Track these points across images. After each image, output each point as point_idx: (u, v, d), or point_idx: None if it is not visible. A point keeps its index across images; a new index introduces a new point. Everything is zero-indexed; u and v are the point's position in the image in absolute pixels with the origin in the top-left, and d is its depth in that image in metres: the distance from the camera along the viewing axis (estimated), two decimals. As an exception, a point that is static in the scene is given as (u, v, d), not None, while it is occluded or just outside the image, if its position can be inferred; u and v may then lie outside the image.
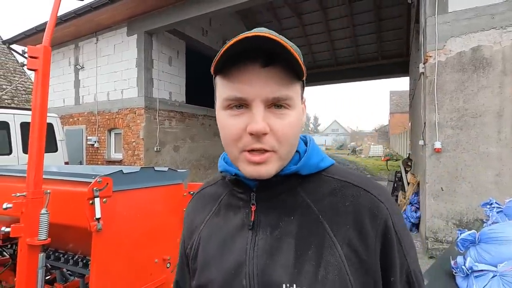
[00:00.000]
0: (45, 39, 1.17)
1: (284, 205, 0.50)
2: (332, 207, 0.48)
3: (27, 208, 1.06)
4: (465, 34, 3.75)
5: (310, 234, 0.47)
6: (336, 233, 0.46)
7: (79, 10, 6.73)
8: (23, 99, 9.83)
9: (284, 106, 0.46)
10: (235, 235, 0.51)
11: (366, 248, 0.45)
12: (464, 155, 3.75)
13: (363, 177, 0.53)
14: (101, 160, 7.85)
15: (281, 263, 0.46)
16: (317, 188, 0.50)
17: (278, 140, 0.46)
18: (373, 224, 0.46)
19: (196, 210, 0.61)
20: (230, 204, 0.55)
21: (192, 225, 0.60)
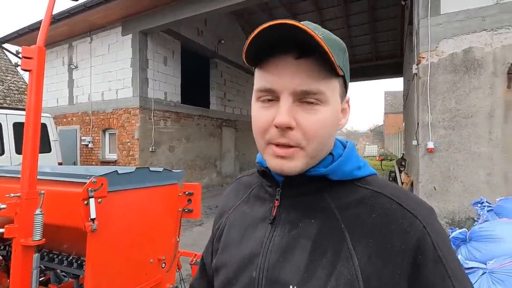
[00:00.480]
0: (39, 40, 1.17)
1: (307, 207, 0.49)
2: (357, 217, 0.45)
3: (21, 209, 1.06)
4: (457, 36, 3.81)
5: (328, 241, 0.44)
6: (355, 245, 0.43)
7: (73, 9, 6.67)
8: (15, 99, 9.71)
9: (316, 101, 0.44)
10: (256, 226, 0.53)
11: (389, 268, 0.40)
12: (456, 155, 3.81)
13: (402, 190, 0.48)
14: (96, 161, 7.79)
15: (292, 263, 0.45)
16: (345, 195, 0.48)
17: (305, 136, 0.44)
18: (401, 241, 0.41)
19: (230, 194, 0.65)
20: (258, 195, 0.57)
21: (223, 207, 0.64)
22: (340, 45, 0.47)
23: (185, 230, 5.01)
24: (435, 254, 0.41)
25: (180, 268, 2.10)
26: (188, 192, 1.71)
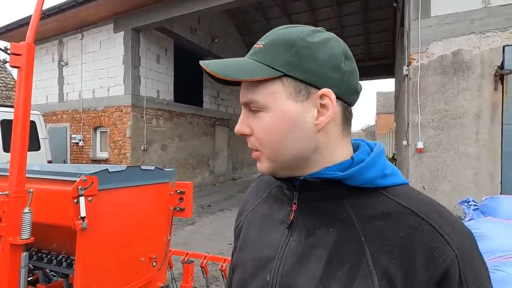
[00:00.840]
0: (29, 36, 1.15)
1: (324, 213, 0.47)
2: (380, 232, 0.41)
3: (9, 207, 1.04)
4: (446, 38, 3.89)
5: (346, 253, 0.42)
6: (376, 262, 0.40)
7: (64, 5, 6.56)
8: (3, 96, 9.50)
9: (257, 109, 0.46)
10: (273, 228, 0.52)
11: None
12: (445, 155, 3.90)
13: (436, 208, 0.43)
14: (86, 159, 7.68)
15: (307, 272, 0.43)
16: (368, 205, 0.44)
17: (258, 141, 0.48)
18: (427, 268, 0.38)
19: (251, 192, 0.65)
20: (277, 196, 0.56)
21: (244, 205, 0.64)
22: (285, 43, 0.44)
23: (177, 229, 4.99)
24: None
25: (171, 267, 2.10)
26: (179, 190, 1.71)
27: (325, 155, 0.47)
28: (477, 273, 0.39)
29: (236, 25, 11.27)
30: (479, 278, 0.39)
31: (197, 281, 2.76)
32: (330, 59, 0.44)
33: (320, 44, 0.45)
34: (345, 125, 0.48)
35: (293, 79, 0.44)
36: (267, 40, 0.46)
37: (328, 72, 0.44)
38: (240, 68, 0.46)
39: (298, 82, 0.44)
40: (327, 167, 0.46)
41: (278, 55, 0.44)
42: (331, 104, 0.44)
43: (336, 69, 0.45)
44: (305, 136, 0.45)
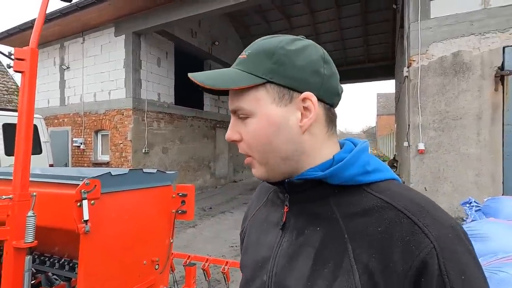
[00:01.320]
0: (32, 41, 1.17)
1: (312, 213, 0.48)
2: (362, 229, 0.42)
3: (13, 211, 1.05)
4: (446, 40, 3.90)
5: (331, 251, 0.44)
6: (357, 259, 0.41)
7: (65, 9, 6.60)
8: (5, 100, 9.54)
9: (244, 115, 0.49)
10: (270, 230, 0.55)
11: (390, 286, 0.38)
12: (446, 156, 3.89)
13: (419, 202, 0.42)
14: (88, 162, 7.70)
15: (297, 271, 0.46)
16: (352, 203, 0.45)
17: (247, 146, 0.50)
18: (404, 260, 0.38)
19: (254, 198, 0.68)
20: (273, 200, 0.59)
21: (247, 211, 0.67)
22: (266, 52, 0.47)
23: (178, 232, 4.99)
24: (440, 281, 0.36)
25: (173, 270, 2.10)
26: (181, 193, 1.72)
27: (312, 156, 0.49)
28: (461, 265, 0.37)
29: (236, 28, 11.32)
30: (466, 271, 0.37)
31: (199, 284, 2.76)
32: (309, 65, 0.47)
33: (298, 52, 0.47)
34: (329, 126, 0.50)
35: (276, 85, 0.47)
36: (250, 51, 0.49)
37: (309, 77, 0.47)
38: (226, 78, 0.48)
39: (281, 87, 0.47)
40: (310, 168, 0.48)
41: (260, 64, 0.47)
42: (313, 106, 0.46)
43: (315, 74, 0.47)
44: (291, 139, 0.47)
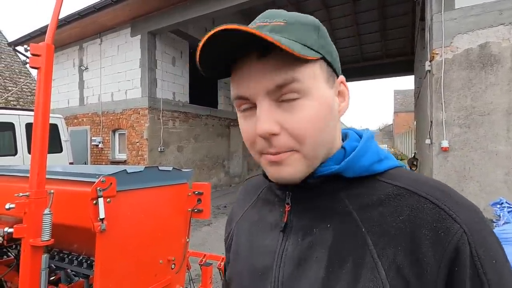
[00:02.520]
0: (48, 37, 1.16)
1: (320, 209, 0.43)
2: (381, 219, 0.38)
3: (30, 209, 1.04)
4: (472, 31, 3.69)
5: (348, 248, 0.38)
6: (381, 253, 0.36)
7: (83, 11, 6.76)
8: (28, 101, 9.92)
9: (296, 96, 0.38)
10: (266, 234, 0.48)
11: (422, 280, 0.34)
12: (472, 154, 3.69)
13: (438, 186, 0.39)
14: (106, 161, 7.88)
15: (309, 277, 0.39)
16: (365, 194, 0.41)
17: (295, 138, 0.38)
18: (435, 249, 0.34)
19: (239, 199, 0.61)
20: (267, 198, 0.52)
21: (232, 214, 0.61)
22: (310, 24, 0.41)
23: (193, 230, 5.01)
24: (473, 267, 0.33)
25: (189, 269, 2.08)
26: (197, 191, 1.68)
27: (335, 146, 0.44)
28: (491, 250, 0.34)
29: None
30: (496, 255, 0.34)
31: (215, 283, 2.74)
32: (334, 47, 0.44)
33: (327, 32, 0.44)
34: None
35: (326, 63, 0.42)
36: (286, 19, 0.40)
37: (337, 60, 0.45)
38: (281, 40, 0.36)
39: (329, 67, 0.42)
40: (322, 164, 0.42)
41: (309, 36, 0.40)
42: (347, 91, 0.45)
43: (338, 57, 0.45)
44: (335, 125, 0.43)
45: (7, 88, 9.57)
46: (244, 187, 0.63)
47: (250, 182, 0.61)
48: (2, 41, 11.16)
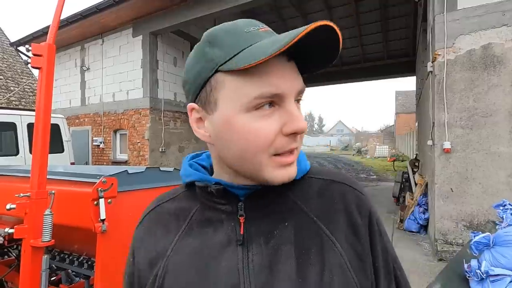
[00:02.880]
0: (49, 37, 1.15)
1: (276, 211, 0.46)
2: (324, 207, 0.47)
3: (31, 209, 1.04)
4: (475, 32, 3.67)
5: (308, 237, 0.44)
6: (333, 232, 0.45)
7: (85, 11, 6.77)
8: (30, 101, 9.95)
9: (300, 99, 0.44)
10: (219, 255, 0.44)
11: (360, 241, 0.45)
12: (475, 155, 3.67)
13: (340, 172, 0.53)
14: (107, 161, 7.88)
15: (283, 275, 0.41)
16: (306, 190, 0.48)
17: (301, 136, 0.43)
18: (362, 218, 0.47)
19: (153, 233, 0.49)
20: (206, 219, 0.47)
21: (150, 253, 0.48)
22: None
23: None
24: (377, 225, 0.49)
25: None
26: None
27: None
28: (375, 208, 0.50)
29: (251, 26, 11.26)
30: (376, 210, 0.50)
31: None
32: None
33: None
34: None
35: None
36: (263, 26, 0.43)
37: None
38: None
39: None
40: None
41: None
42: None
43: None
44: None
45: (9, 88, 9.59)
46: (154, 215, 0.51)
47: (163, 208, 0.51)
48: (4, 41, 11.20)
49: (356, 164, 19.35)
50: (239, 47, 0.39)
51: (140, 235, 0.51)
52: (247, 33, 0.41)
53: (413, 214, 4.91)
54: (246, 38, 0.40)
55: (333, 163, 20.49)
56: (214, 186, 0.45)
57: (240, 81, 0.39)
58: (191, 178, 0.49)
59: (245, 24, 0.42)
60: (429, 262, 3.70)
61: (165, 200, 0.53)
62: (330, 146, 46.40)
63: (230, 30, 0.42)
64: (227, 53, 0.40)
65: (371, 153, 26.13)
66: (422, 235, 4.69)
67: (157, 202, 0.53)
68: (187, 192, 0.52)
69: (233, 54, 0.39)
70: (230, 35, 0.41)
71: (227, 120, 0.41)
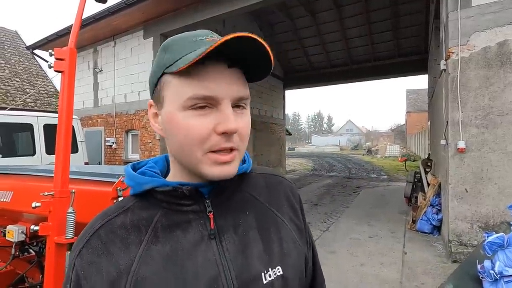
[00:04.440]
0: (71, 41, 1.19)
1: (238, 204, 0.53)
2: (271, 196, 0.58)
3: (55, 207, 1.08)
4: (490, 29, 3.59)
5: (266, 221, 0.54)
6: (282, 214, 0.57)
7: (98, 15, 6.91)
8: (45, 102, 10.22)
9: (243, 106, 0.48)
10: (194, 253, 0.46)
11: (298, 218, 0.60)
12: (490, 155, 3.59)
13: (273, 169, 0.67)
14: (119, 161, 8.03)
15: (254, 255, 0.49)
16: (254, 184, 0.58)
17: (241, 138, 0.48)
18: (295, 200, 0.62)
19: (107, 253, 0.46)
20: (172, 223, 0.48)
21: (109, 274, 0.44)
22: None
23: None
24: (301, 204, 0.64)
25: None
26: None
27: None
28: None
29: (260, 26, 11.29)
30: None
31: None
32: None
33: None
34: None
35: None
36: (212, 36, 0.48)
37: None
38: None
39: None
40: None
41: None
42: None
43: None
44: None
45: (25, 90, 9.88)
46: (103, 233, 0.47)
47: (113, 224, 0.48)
48: (20, 45, 11.54)
49: (366, 164, 19.11)
50: (182, 53, 0.44)
51: (88, 259, 0.46)
52: (194, 41, 0.45)
53: (426, 215, 4.83)
54: (191, 46, 0.45)
55: (343, 163, 20.30)
56: (185, 188, 0.47)
57: (180, 82, 0.44)
58: (150, 184, 0.49)
59: (198, 33, 0.47)
60: (442, 264, 3.64)
61: (113, 216, 0.49)
62: (340, 145, 45.97)
63: (182, 38, 0.47)
64: (173, 58, 0.45)
65: (382, 152, 25.76)
66: (435, 236, 4.61)
67: (101, 220, 0.49)
68: (139, 203, 0.50)
69: (177, 59, 0.44)
70: (179, 43, 0.46)
71: (170, 116, 0.46)
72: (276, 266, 0.50)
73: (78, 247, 0.47)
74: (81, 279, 0.45)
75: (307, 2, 9.71)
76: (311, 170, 16.25)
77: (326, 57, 12.27)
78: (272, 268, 0.50)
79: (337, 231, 5.11)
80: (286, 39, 11.85)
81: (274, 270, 0.50)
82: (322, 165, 19.03)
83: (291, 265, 0.52)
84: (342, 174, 14.19)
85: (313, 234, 4.92)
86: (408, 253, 3.97)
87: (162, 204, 0.49)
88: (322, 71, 12.84)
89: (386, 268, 3.60)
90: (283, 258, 0.52)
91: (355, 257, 3.95)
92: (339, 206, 7.03)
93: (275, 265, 0.50)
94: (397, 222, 5.58)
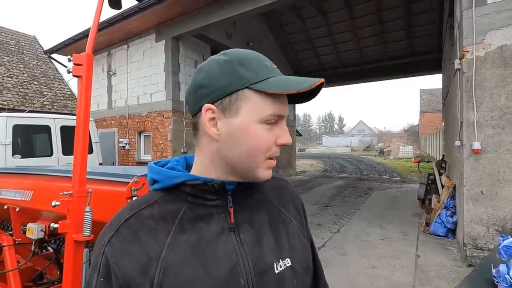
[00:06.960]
0: (88, 47, 1.25)
1: (253, 202, 0.60)
2: (279, 197, 0.66)
3: (73, 206, 1.13)
4: (507, 27, 3.49)
5: (276, 218, 0.61)
6: (288, 214, 0.64)
7: (112, 19, 7.09)
8: (61, 104, 10.54)
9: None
10: (215, 243, 0.52)
11: (301, 217, 0.68)
12: (508, 156, 3.49)
13: (278, 173, 0.73)
14: (132, 161, 8.20)
15: (267, 247, 0.56)
16: (265, 186, 0.64)
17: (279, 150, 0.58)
18: (298, 203, 0.69)
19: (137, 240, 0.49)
20: (197, 216, 0.53)
21: (140, 259, 0.48)
22: None
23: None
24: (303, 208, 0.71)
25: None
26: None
27: None
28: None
29: (270, 27, 11.30)
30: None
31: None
32: None
33: None
34: None
35: None
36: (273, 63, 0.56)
37: None
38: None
39: None
40: None
41: None
42: None
43: None
44: None
45: (42, 93, 10.23)
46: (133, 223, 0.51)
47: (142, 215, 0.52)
48: (38, 49, 11.95)
49: (378, 165, 18.81)
50: (265, 75, 0.52)
51: (119, 246, 0.49)
52: (267, 65, 0.54)
53: (440, 218, 4.73)
54: (269, 70, 0.53)
55: (354, 164, 20.04)
56: (215, 182, 0.54)
57: (261, 100, 0.51)
58: (182, 178, 0.54)
59: (262, 57, 0.55)
60: (457, 268, 3.56)
61: (141, 208, 0.53)
62: (351, 146, 45.40)
63: (256, 58, 0.54)
64: (258, 76, 0.51)
65: (395, 153, 25.28)
66: (450, 239, 4.50)
67: (130, 211, 0.53)
68: (165, 197, 0.54)
69: (262, 79, 0.51)
70: (257, 63, 0.53)
71: (245, 125, 0.52)
72: (285, 258, 0.57)
73: (108, 236, 0.51)
74: (111, 265, 0.49)
75: (318, 2, 9.66)
76: (321, 171, 16.12)
77: (337, 57, 12.16)
78: (282, 259, 0.56)
79: (348, 233, 5.06)
80: (297, 39, 11.82)
81: (284, 262, 0.56)
82: (333, 166, 18.85)
83: (298, 258, 0.60)
84: (354, 175, 14.02)
85: (324, 235, 4.90)
86: (421, 256, 3.90)
87: (187, 198, 0.55)
88: (333, 72, 12.74)
89: (398, 271, 3.54)
90: (291, 251, 0.59)
91: (366, 260, 3.91)
92: (350, 208, 6.95)
93: (285, 257, 0.57)
94: (410, 224, 5.48)
